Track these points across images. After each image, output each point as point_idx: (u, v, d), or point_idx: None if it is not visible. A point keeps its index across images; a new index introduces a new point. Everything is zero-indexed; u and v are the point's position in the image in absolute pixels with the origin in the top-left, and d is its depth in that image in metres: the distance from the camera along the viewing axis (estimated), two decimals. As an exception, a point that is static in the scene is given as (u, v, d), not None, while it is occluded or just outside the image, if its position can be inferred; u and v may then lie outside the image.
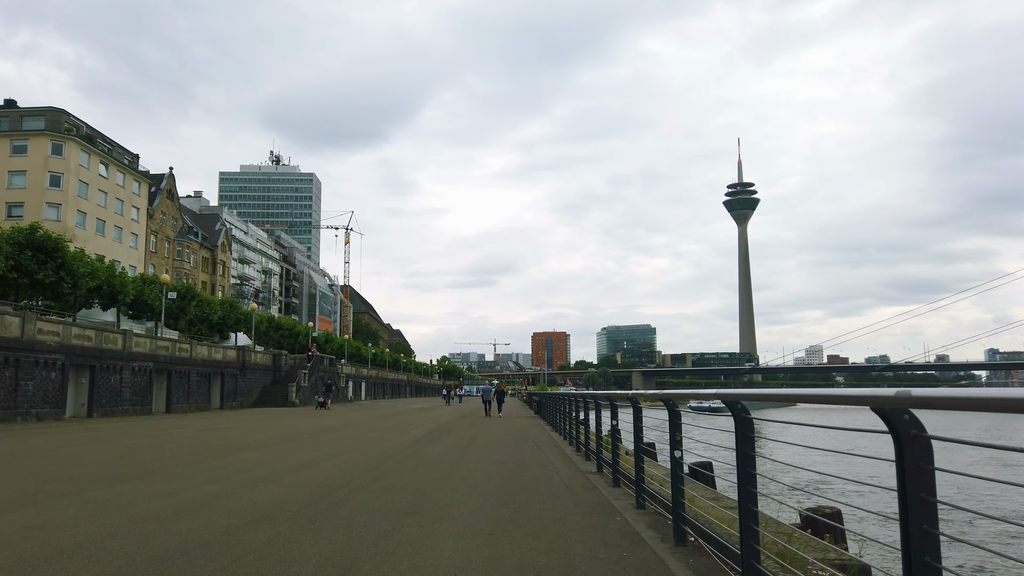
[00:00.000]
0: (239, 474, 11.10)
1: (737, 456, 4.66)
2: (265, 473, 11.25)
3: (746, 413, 4.68)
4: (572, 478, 11.14)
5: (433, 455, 14.86)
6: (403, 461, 13.51)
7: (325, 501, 8.49)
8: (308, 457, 14.03)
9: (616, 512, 7.98)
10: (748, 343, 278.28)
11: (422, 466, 12.69)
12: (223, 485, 9.82)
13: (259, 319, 66.72)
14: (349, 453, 15.12)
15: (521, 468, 12.59)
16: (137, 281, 45.38)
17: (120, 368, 34.26)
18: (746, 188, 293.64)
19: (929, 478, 2.83)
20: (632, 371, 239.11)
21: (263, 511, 7.78)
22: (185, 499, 8.56)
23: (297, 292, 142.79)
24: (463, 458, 14.30)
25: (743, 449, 4.61)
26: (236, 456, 14.21)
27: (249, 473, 11.24)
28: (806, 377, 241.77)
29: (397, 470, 11.98)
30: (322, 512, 7.76)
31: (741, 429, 4.63)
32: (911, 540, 2.78)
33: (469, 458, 14.31)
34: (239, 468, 11.97)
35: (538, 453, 15.67)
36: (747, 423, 4.65)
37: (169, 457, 13.93)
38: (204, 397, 43.63)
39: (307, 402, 55.37)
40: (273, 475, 11.01)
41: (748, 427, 4.65)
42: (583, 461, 13.72)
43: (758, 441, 4.90)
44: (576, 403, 16.59)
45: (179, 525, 6.92)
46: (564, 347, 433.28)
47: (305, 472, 11.47)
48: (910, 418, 2.88)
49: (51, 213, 67.58)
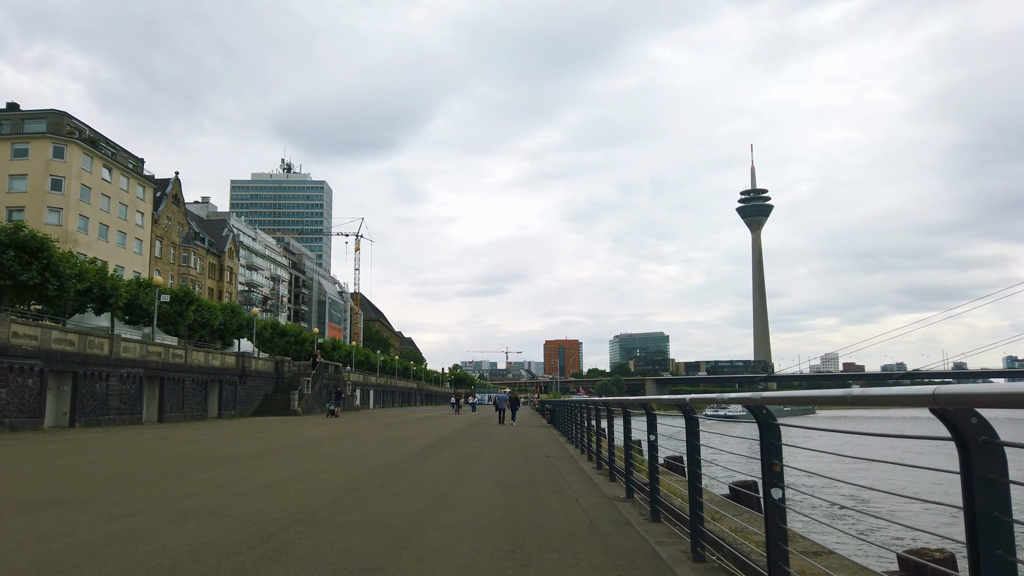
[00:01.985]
0: (179, 501, 8.88)
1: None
2: (212, 500, 9.02)
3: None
4: (596, 507, 8.84)
5: (429, 473, 12.59)
6: (391, 481, 11.25)
7: (264, 547, 6.23)
8: (280, 476, 11.80)
9: (666, 568, 5.66)
10: (762, 351, 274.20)
11: (412, 488, 10.42)
12: (147, 518, 7.61)
13: (263, 325, 64.77)
14: (331, 471, 12.87)
15: (532, 491, 10.32)
16: (132, 284, 43.51)
17: (106, 375, 32.24)
18: (759, 194, 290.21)
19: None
20: (645, 379, 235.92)
21: (169, 564, 5.55)
22: (80, 541, 6.36)
23: (306, 299, 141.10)
24: (463, 477, 12.03)
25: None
26: (193, 475, 12.00)
27: (193, 500, 9.02)
28: (821, 385, 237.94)
29: (379, 494, 9.72)
30: (249, 567, 5.51)
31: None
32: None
33: (470, 477, 12.03)
34: (187, 492, 9.76)
35: (552, 470, 13.37)
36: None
37: (114, 477, 11.74)
38: (200, 406, 41.57)
39: (310, 411, 53.26)
40: (221, 503, 8.77)
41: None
42: (607, 482, 11.42)
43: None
44: (595, 411, 14.29)
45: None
46: (576, 355, 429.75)
47: (263, 498, 9.23)
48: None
49: (52, 217, 66.08)
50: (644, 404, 8.24)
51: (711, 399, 5.69)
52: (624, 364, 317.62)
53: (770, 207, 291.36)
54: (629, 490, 9.69)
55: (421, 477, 11.92)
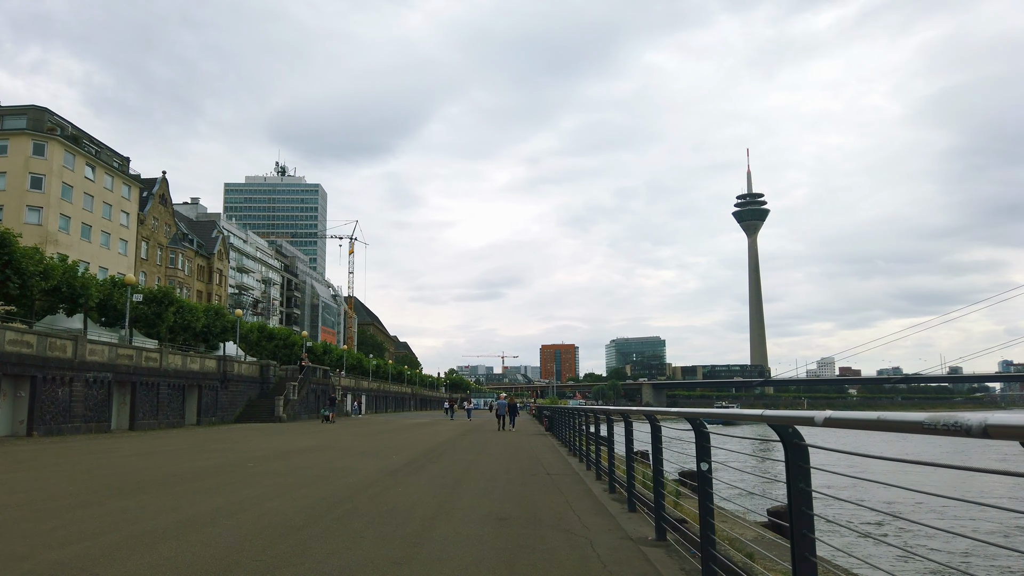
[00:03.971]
0: (47, 551, 6.50)
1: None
2: (93, 550, 6.64)
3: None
4: (619, 557, 6.54)
5: (403, 500, 10.26)
6: (353, 513, 8.93)
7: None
8: (213, 505, 9.43)
9: None
10: (759, 355, 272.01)
11: (376, 525, 8.10)
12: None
13: (249, 328, 62.34)
14: (284, 496, 10.52)
15: (532, 529, 8.01)
16: (106, 284, 41.09)
17: (70, 379, 29.82)
18: (756, 199, 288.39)
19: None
20: (642, 383, 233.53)
21: None
22: None
23: (299, 303, 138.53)
24: (446, 506, 9.71)
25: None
26: (105, 505, 9.58)
27: (70, 549, 6.65)
28: (819, 390, 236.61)
29: (330, 537, 7.38)
30: None
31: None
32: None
33: (454, 506, 9.71)
34: (72, 534, 7.40)
35: (555, 494, 11.08)
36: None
37: (7, 507, 9.38)
38: (176, 413, 39.13)
39: (297, 417, 50.84)
40: (101, 555, 6.42)
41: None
42: (624, 512, 9.13)
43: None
44: (605, 420, 11.99)
45: None
46: (573, 360, 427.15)
47: (167, 546, 6.86)
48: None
49: (32, 216, 63.70)
50: (691, 417, 5.93)
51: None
52: (621, 369, 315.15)
53: (766, 211, 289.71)
54: (660, 529, 7.39)
55: (392, 506, 9.59)
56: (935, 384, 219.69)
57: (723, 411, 5.49)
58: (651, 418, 7.64)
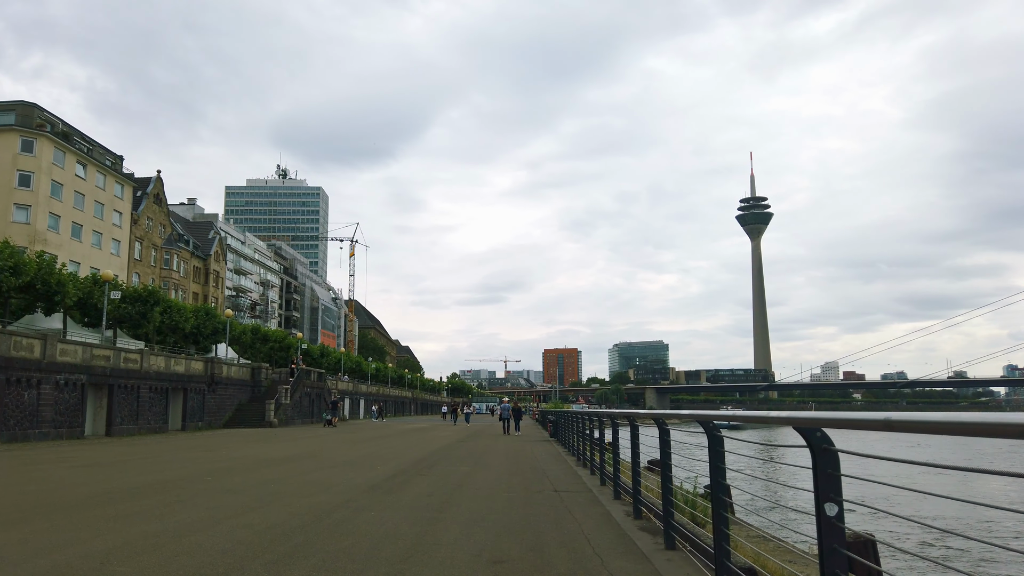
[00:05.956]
0: None
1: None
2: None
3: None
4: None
5: (372, 531, 7.99)
6: (291, 557, 6.67)
7: None
8: (99, 548, 7.11)
9: None
10: (763, 359, 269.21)
11: (329, 573, 5.87)
12: None
13: (242, 329, 60.15)
14: (208, 530, 8.16)
15: (539, 575, 5.79)
16: (86, 281, 38.93)
17: (37, 381, 27.64)
18: (759, 202, 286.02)
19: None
20: (646, 388, 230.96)
21: None
22: None
23: (298, 305, 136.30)
24: (423, 541, 7.44)
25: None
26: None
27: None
28: (823, 394, 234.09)
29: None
30: None
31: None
32: None
33: (436, 541, 7.43)
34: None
35: (567, 521, 8.83)
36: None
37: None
38: (159, 417, 36.90)
39: (289, 422, 48.59)
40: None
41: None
42: (658, 548, 6.91)
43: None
44: (627, 425, 9.76)
45: None
46: (575, 364, 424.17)
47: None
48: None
49: (20, 215, 61.60)
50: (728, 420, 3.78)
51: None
52: (624, 373, 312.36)
53: (770, 215, 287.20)
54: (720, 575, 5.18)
55: (354, 541, 7.33)
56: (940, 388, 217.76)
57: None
58: (706, 425, 5.41)
